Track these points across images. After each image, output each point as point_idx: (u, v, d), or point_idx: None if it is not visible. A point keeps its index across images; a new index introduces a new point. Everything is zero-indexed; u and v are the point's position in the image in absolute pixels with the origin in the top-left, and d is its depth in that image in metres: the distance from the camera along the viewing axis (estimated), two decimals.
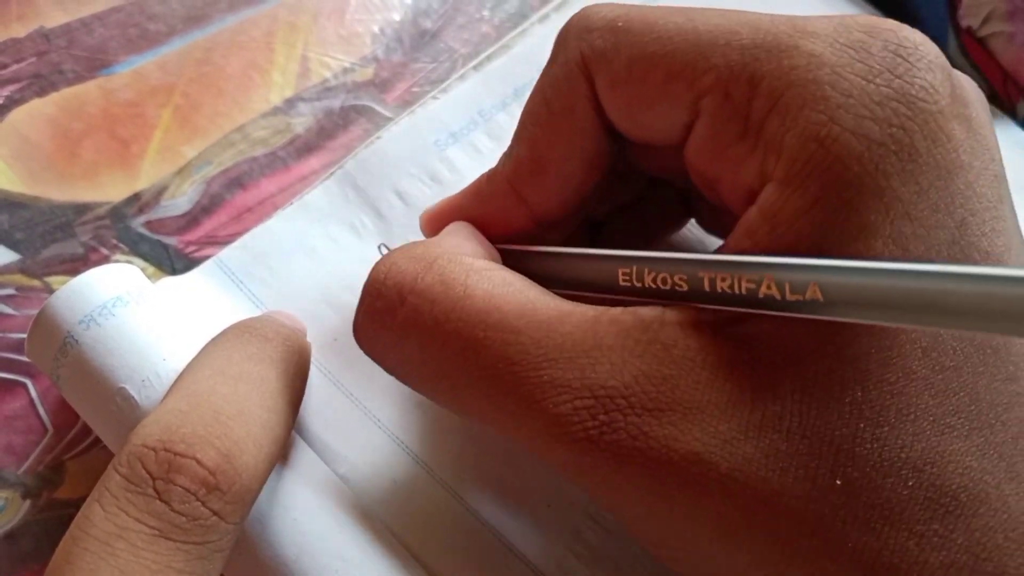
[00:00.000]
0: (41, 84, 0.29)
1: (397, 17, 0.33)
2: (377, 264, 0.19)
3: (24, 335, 0.25)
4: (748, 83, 0.16)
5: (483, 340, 0.17)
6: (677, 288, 0.16)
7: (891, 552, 0.14)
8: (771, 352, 0.15)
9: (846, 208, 0.14)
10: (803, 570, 0.15)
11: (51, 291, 0.26)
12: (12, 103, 0.29)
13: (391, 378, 0.23)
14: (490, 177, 0.21)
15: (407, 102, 0.31)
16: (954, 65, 0.16)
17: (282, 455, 0.19)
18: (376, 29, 0.32)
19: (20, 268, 0.26)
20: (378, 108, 0.30)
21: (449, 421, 0.24)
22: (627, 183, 0.23)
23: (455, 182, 0.27)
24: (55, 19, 0.30)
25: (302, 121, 0.30)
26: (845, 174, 0.14)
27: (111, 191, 0.28)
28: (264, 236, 0.26)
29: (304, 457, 0.21)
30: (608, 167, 0.21)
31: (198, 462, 0.17)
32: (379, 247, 0.26)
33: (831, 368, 0.15)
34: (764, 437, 0.15)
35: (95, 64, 0.30)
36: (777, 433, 0.15)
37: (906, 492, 0.14)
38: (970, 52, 0.34)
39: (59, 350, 0.20)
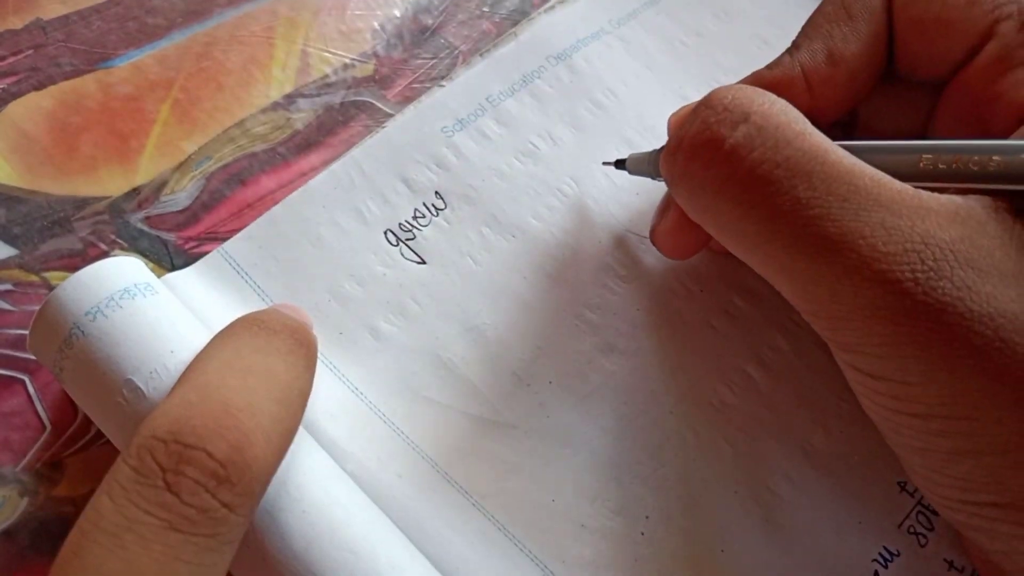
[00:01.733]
0: (38, 77, 0.29)
1: (397, 13, 0.33)
2: (715, 89, 0.20)
3: (21, 331, 0.24)
4: None
5: (820, 173, 0.18)
6: (988, 170, 0.18)
7: None
8: None
9: None
10: None
11: (49, 287, 0.25)
12: (9, 96, 0.28)
13: (395, 373, 0.24)
14: (771, 67, 0.22)
15: (407, 98, 0.30)
16: None
17: (290, 448, 0.19)
18: (376, 25, 0.32)
19: (18, 263, 0.26)
20: (378, 104, 0.30)
21: (453, 417, 0.24)
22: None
23: (462, 168, 0.27)
24: (53, 11, 0.30)
25: (302, 117, 0.30)
26: None
27: (110, 186, 0.27)
28: (268, 225, 0.25)
29: (312, 450, 0.21)
30: (878, 81, 0.23)
31: (208, 454, 0.16)
32: (385, 233, 0.26)
33: None
34: None
35: (93, 57, 0.29)
36: None
37: None
38: None
39: (64, 342, 0.20)
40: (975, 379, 0.16)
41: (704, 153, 0.20)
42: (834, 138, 0.20)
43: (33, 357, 0.24)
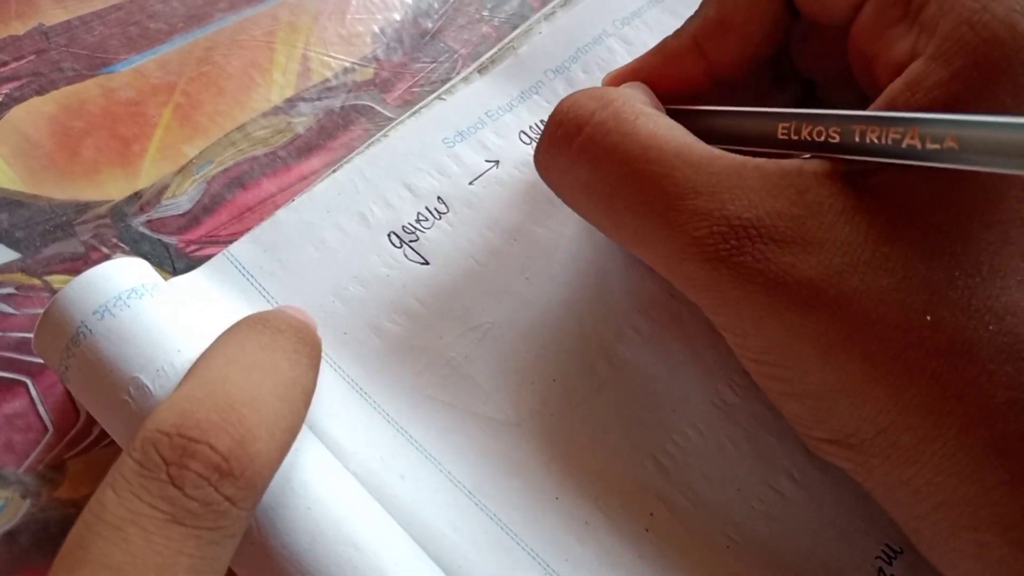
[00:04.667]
0: (41, 82, 0.29)
1: (398, 17, 0.33)
2: (561, 101, 0.23)
3: (23, 334, 0.25)
4: None
5: (643, 170, 0.20)
6: (830, 139, 0.19)
7: (963, 383, 0.17)
8: (892, 203, 0.18)
9: (982, 83, 0.17)
10: (883, 390, 0.18)
11: (51, 290, 0.25)
12: (12, 101, 0.28)
13: (399, 372, 0.24)
14: (676, 34, 0.24)
15: (408, 102, 0.31)
16: None
17: (294, 445, 0.20)
18: (377, 29, 0.32)
19: (20, 267, 0.26)
20: (379, 108, 0.30)
21: (457, 416, 0.24)
22: (783, 90, 0.26)
23: (463, 175, 0.28)
24: (55, 17, 0.30)
25: (303, 121, 0.30)
26: (989, 54, 0.17)
27: (112, 190, 0.27)
28: (273, 229, 0.25)
29: (317, 448, 0.21)
30: (782, 39, 0.23)
31: (211, 448, 0.17)
32: (388, 235, 0.26)
33: (941, 223, 0.18)
34: (871, 273, 0.17)
35: (95, 62, 0.30)
36: (883, 271, 0.17)
37: (986, 335, 0.17)
38: None
39: (71, 340, 0.20)
40: (782, 335, 0.18)
41: (554, 162, 0.23)
42: (719, 99, 0.23)
43: (35, 360, 0.24)
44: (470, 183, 0.27)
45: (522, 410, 0.24)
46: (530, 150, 0.29)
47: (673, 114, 0.23)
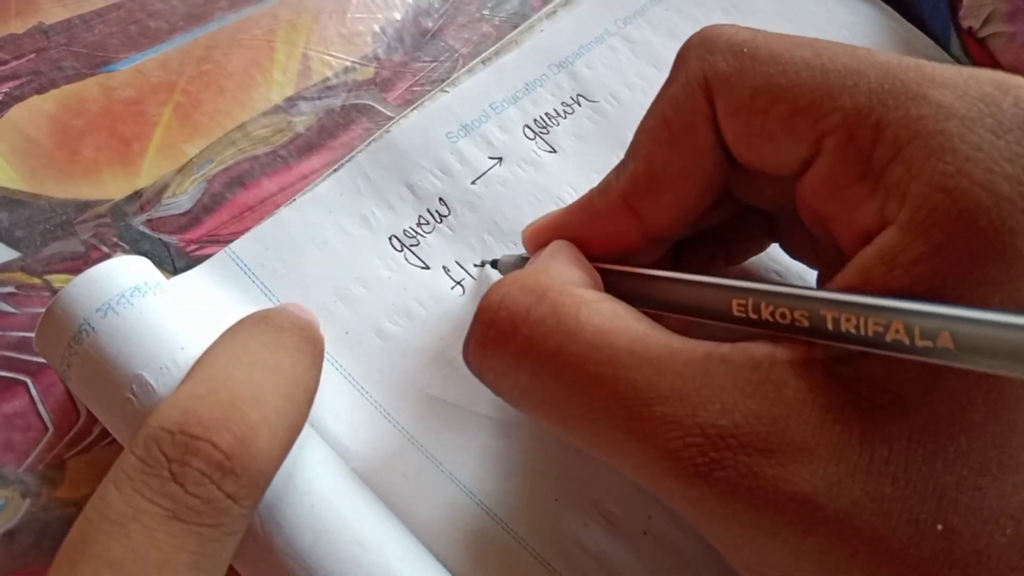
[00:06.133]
0: (41, 81, 0.29)
1: (398, 16, 0.33)
2: (489, 293, 0.20)
3: (24, 333, 0.25)
4: (874, 128, 0.16)
5: (594, 375, 0.17)
6: (797, 323, 0.16)
7: None
8: (880, 394, 0.15)
9: (969, 259, 0.15)
10: None
11: (52, 289, 0.25)
12: (11, 100, 0.28)
13: (400, 371, 0.24)
14: (602, 191, 0.21)
15: (408, 101, 0.31)
16: (958, 63, 0.16)
17: (297, 443, 0.20)
18: (377, 28, 0.32)
19: (20, 266, 0.26)
20: (379, 107, 0.30)
21: (458, 416, 0.24)
22: (721, 207, 0.22)
23: (466, 174, 0.28)
24: (55, 15, 0.30)
25: (303, 120, 0.30)
26: (971, 226, 0.14)
27: (112, 189, 0.27)
28: (276, 227, 0.25)
29: (320, 446, 0.21)
30: (722, 187, 0.21)
31: (214, 445, 0.17)
32: (390, 239, 0.26)
33: (939, 415, 0.15)
34: (871, 481, 0.15)
35: (95, 61, 0.30)
36: (884, 477, 0.15)
37: (1004, 539, 0.15)
38: (972, 52, 0.34)
39: (73, 338, 0.20)
40: (779, 554, 0.16)
41: (488, 365, 0.20)
42: (652, 249, 0.20)
43: (36, 359, 0.24)
44: (472, 183, 0.27)
45: None
46: (534, 146, 0.29)
47: (608, 276, 0.21)
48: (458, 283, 0.26)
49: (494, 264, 0.26)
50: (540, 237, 0.23)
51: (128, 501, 0.16)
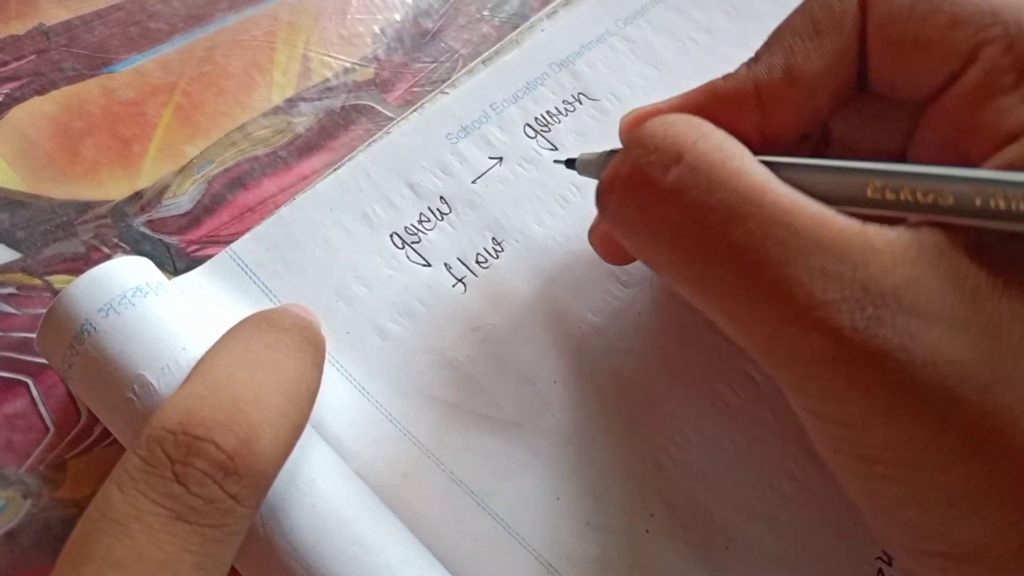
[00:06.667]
0: (41, 82, 0.29)
1: (398, 17, 0.33)
2: (652, 122, 0.19)
3: (25, 334, 0.25)
4: None
5: (756, 214, 0.17)
6: (940, 203, 0.16)
7: None
8: None
9: None
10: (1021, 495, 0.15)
11: (52, 290, 0.25)
12: (12, 101, 0.28)
13: (401, 372, 0.24)
14: (729, 76, 0.21)
15: (408, 102, 0.31)
16: None
17: (299, 443, 0.20)
18: (377, 29, 0.32)
19: (21, 267, 0.26)
20: (379, 108, 0.30)
21: (459, 416, 0.24)
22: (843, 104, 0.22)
23: (466, 173, 0.28)
24: (55, 16, 0.30)
25: (303, 121, 0.30)
26: None
27: (112, 190, 0.27)
28: (276, 227, 0.26)
29: (321, 447, 0.21)
30: (847, 99, 0.21)
31: (216, 446, 0.17)
32: (391, 236, 0.26)
33: None
34: (1022, 359, 0.15)
35: (96, 62, 0.30)
36: None
37: None
38: None
39: (74, 338, 0.20)
40: (919, 428, 0.16)
41: (636, 196, 0.19)
42: (792, 152, 0.19)
43: (36, 360, 0.24)
44: (473, 182, 0.27)
45: (523, 410, 0.24)
46: (535, 144, 0.29)
47: None
48: (460, 280, 0.26)
49: (570, 164, 0.25)
50: (647, 119, 0.21)
51: (131, 502, 0.16)
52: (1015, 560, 0.16)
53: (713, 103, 0.21)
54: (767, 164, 0.19)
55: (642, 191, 0.18)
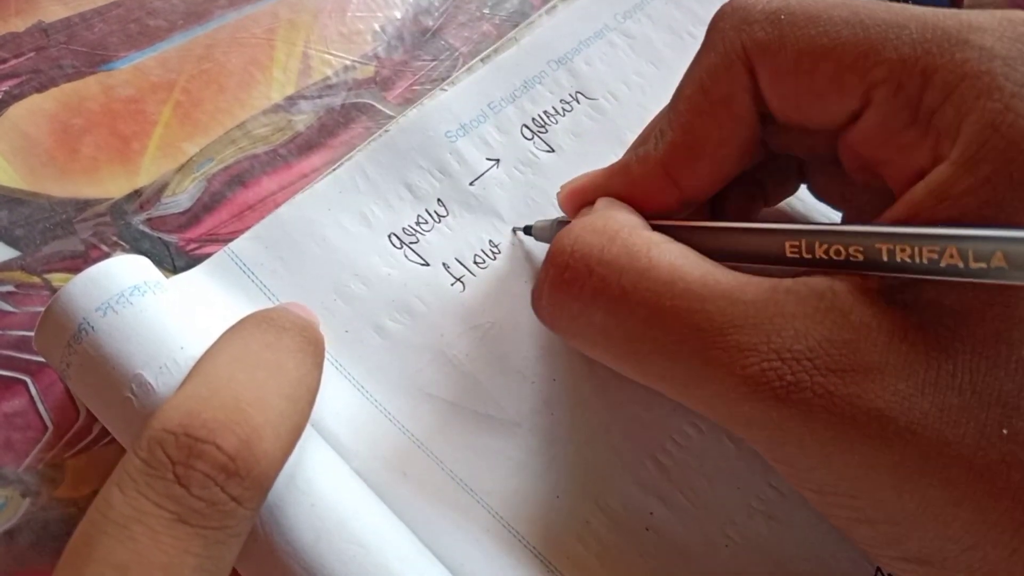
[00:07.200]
0: (40, 79, 0.29)
1: (398, 15, 0.33)
2: (559, 237, 0.21)
3: (23, 332, 0.24)
4: (921, 75, 0.17)
5: (670, 308, 0.18)
6: (852, 258, 0.17)
7: None
8: (940, 315, 0.17)
9: (1014, 187, 0.16)
10: (969, 512, 0.16)
11: (51, 288, 0.25)
12: (11, 98, 0.28)
13: (400, 370, 0.24)
14: (640, 159, 0.22)
15: (408, 100, 0.31)
16: None
17: (299, 443, 0.20)
18: (377, 27, 0.32)
19: (20, 265, 0.26)
20: (379, 106, 0.30)
21: (458, 415, 0.24)
22: (755, 156, 0.23)
23: (464, 175, 0.28)
24: (54, 14, 0.30)
25: (303, 118, 0.30)
26: (1018, 157, 0.16)
27: (111, 188, 0.27)
28: (274, 226, 0.25)
29: (320, 446, 0.21)
30: (758, 147, 0.22)
31: (218, 447, 0.17)
32: (389, 236, 0.26)
33: (998, 330, 0.16)
34: (939, 393, 0.16)
35: (95, 60, 0.30)
36: (950, 389, 0.16)
37: None
38: None
39: (72, 337, 0.20)
40: (853, 468, 0.17)
41: (563, 309, 0.21)
42: (694, 214, 0.21)
43: (35, 358, 0.24)
44: (470, 184, 0.27)
45: (523, 409, 0.24)
46: (532, 146, 0.29)
47: (660, 230, 0.21)
48: (458, 279, 0.26)
49: (527, 231, 0.26)
50: (579, 197, 0.24)
51: (132, 503, 0.16)
52: (961, 561, 0.17)
53: (630, 184, 0.22)
54: (690, 229, 0.21)
55: (565, 305, 0.21)
